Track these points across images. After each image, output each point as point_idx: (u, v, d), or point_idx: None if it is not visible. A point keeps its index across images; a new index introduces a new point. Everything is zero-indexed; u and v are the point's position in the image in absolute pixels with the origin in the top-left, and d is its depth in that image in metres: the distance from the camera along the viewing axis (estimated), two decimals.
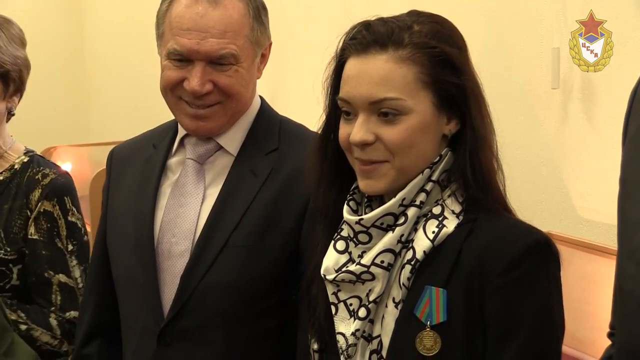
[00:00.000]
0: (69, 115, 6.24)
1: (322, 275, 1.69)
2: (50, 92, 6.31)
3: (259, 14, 2.05)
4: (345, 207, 1.70)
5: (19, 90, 2.47)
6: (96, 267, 2.23)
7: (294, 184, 1.97)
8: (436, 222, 1.64)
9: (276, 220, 1.98)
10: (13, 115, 2.50)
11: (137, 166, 2.15)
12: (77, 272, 2.46)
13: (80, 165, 5.59)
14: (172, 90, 2.02)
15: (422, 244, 1.63)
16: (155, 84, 2.11)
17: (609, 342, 1.50)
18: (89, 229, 4.27)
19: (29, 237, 2.38)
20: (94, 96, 6.50)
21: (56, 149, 5.53)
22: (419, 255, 1.62)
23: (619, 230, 1.39)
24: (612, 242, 2.19)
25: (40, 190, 2.43)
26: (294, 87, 3.44)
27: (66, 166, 5.06)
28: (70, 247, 2.45)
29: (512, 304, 1.57)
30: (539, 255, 1.61)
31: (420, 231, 1.65)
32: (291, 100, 2.95)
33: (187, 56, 1.98)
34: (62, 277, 2.43)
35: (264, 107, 2.15)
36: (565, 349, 2.21)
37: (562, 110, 2.65)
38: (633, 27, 2.20)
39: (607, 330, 1.50)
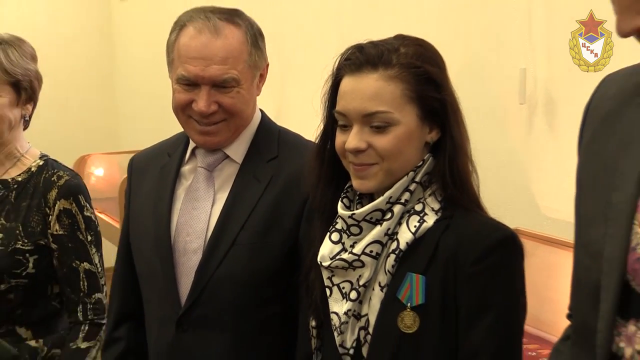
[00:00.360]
0: (102, 127, 6.24)
1: (319, 263, 1.70)
2: (85, 107, 6.33)
3: (256, 40, 2.06)
4: (340, 203, 1.72)
5: (32, 99, 2.46)
6: (122, 262, 2.23)
7: (292, 188, 1.98)
8: (418, 218, 1.66)
9: (277, 221, 1.99)
10: (28, 122, 2.49)
11: (154, 173, 2.16)
12: (96, 259, 2.48)
13: (111, 171, 5.62)
14: (182, 110, 2.03)
15: (405, 236, 1.65)
16: None
17: (567, 323, 1.49)
18: (117, 225, 4.25)
19: (55, 233, 2.40)
20: (123, 111, 6.52)
21: (90, 156, 5.53)
22: (402, 246, 1.64)
23: (575, 225, 1.38)
24: (570, 237, 2.17)
25: (56, 190, 2.42)
26: (296, 102, 3.41)
27: (98, 171, 5.04)
28: (89, 238, 2.46)
29: (482, 290, 1.60)
30: (506, 249, 1.64)
31: (404, 225, 1.66)
32: (293, 113, 2.92)
33: (194, 81, 1.98)
34: (86, 265, 2.44)
35: (264, 120, 2.16)
36: (529, 329, 2.22)
37: (528, 122, 2.67)
38: None
39: (566, 312, 1.48)
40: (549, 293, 2.08)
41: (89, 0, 6.56)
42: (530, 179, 2.59)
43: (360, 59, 1.67)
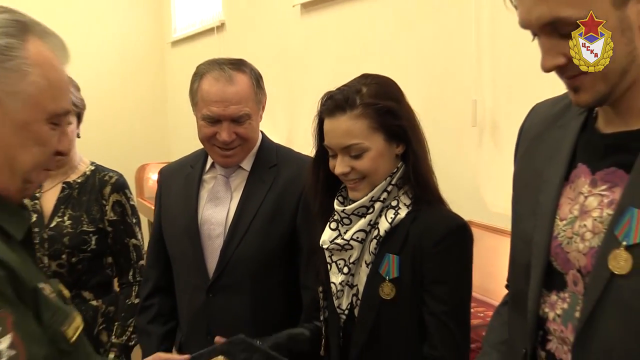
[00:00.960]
0: (157, 142, 6.24)
1: (321, 245, 1.72)
2: (145, 126, 6.33)
3: (258, 82, 2.08)
4: (336, 200, 1.74)
5: (81, 120, 2.54)
6: (154, 248, 2.26)
7: (289, 187, 2.04)
8: (393, 211, 1.67)
9: (279, 212, 2.03)
10: (79, 138, 2.54)
11: (179, 180, 2.21)
12: (139, 236, 2.61)
13: None
14: (208, 140, 2.05)
15: (384, 225, 1.66)
16: None
17: (505, 292, 1.51)
18: None
19: (110, 219, 2.51)
20: (173, 130, 6.50)
21: (148, 165, 5.51)
22: (382, 233, 1.65)
23: (512, 219, 1.39)
24: (508, 227, 2.17)
25: (110, 187, 2.53)
26: (303, 127, 3.40)
27: (154, 176, 5.04)
28: (134, 221, 2.59)
29: (440, 266, 1.63)
30: (459, 235, 1.67)
31: (383, 217, 1.67)
32: (301, 136, 2.90)
33: (216, 119, 2.00)
34: (134, 241, 2.58)
35: (264, 138, 2.18)
36: (478, 296, 2.24)
37: (478, 140, 2.65)
38: None
39: (505, 283, 1.48)
40: (492, 269, 2.07)
41: (149, 46, 6.56)
42: (479, 183, 2.58)
43: (331, 105, 1.68)
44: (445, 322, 1.61)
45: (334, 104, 1.66)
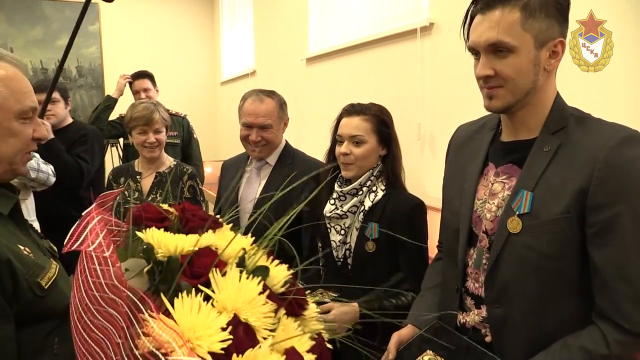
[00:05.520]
0: (210, 146, 6.12)
1: (324, 214, 1.68)
2: (201, 136, 6.24)
3: (281, 106, 2.05)
4: (336, 183, 1.70)
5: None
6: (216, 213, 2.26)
7: (299, 177, 1.97)
8: (374, 194, 1.64)
9: (291, 192, 1.98)
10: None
11: (233, 170, 2.15)
12: (203, 209, 2.57)
13: (215, 170, 5.44)
14: (244, 139, 2.03)
15: (367, 203, 1.64)
16: None
17: (436, 251, 1.50)
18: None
19: (186, 197, 2.40)
20: (221, 137, 6.44)
21: (204, 162, 5.46)
22: (366, 207, 1.63)
23: (442, 201, 1.37)
24: (440, 206, 2.16)
25: (187, 176, 2.39)
26: (306, 143, 3.37)
27: (208, 169, 4.97)
28: (201, 199, 2.45)
29: (405, 231, 1.54)
30: (418, 209, 1.63)
31: (367, 197, 1.64)
32: (304, 148, 2.88)
33: (249, 125, 1.98)
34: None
35: (287, 144, 2.14)
36: None
37: (421, 149, 2.62)
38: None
39: (437, 244, 1.47)
40: (433, 234, 2.07)
41: (206, 85, 6.54)
42: (421, 178, 2.57)
43: (351, 109, 1.68)
44: (414, 266, 1.59)
45: (353, 109, 1.68)
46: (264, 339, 0.66)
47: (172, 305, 0.62)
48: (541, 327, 1.06)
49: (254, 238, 0.87)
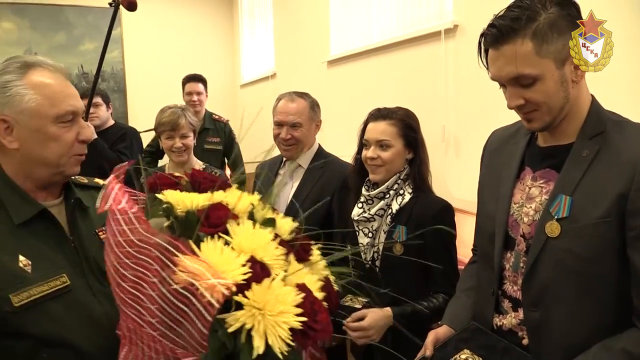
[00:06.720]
0: None
1: (352, 218, 1.68)
2: None
3: (313, 107, 2.06)
4: (363, 187, 1.69)
5: None
6: None
7: (329, 182, 1.97)
8: (401, 197, 1.63)
9: (322, 197, 1.91)
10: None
11: (267, 172, 2.12)
12: None
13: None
14: (275, 138, 2.04)
15: (395, 206, 1.62)
16: None
17: (470, 255, 1.51)
18: None
19: None
20: (243, 134, 6.49)
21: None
22: (394, 211, 1.62)
23: (478, 204, 1.36)
24: (466, 208, 2.16)
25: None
26: (328, 145, 3.41)
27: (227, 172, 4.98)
28: None
29: (435, 234, 1.51)
30: (445, 212, 1.61)
31: (394, 200, 1.63)
32: (327, 143, 2.92)
33: (280, 123, 2.01)
34: None
35: (320, 147, 2.14)
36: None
37: (445, 151, 2.63)
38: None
39: (471, 247, 1.47)
40: (466, 237, 2.04)
41: (227, 87, 6.58)
42: (446, 179, 2.57)
43: (377, 114, 1.68)
44: (443, 267, 1.56)
45: (379, 113, 1.67)
46: (277, 275, 0.76)
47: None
48: (578, 331, 1.07)
49: (261, 196, 0.97)
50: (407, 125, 1.64)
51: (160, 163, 3.77)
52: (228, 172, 3.55)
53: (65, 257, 1.09)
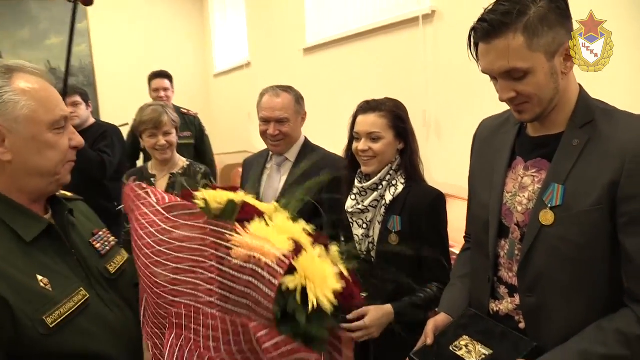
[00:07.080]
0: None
1: (346, 210, 1.69)
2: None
3: (297, 100, 2.04)
4: (356, 179, 1.70)
5: None
6: None
7: (319, 173, 1.93)
8: (394, 187, 1.64)
9: (312, 188, 1.97)
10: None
11: (256, 167, 2.14)
12: None
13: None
14: (263, 134, 2.03)
15: (388, 197, 1.63)
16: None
17: (462, 242, 1.52)
18: None
19: None
20: (214, 132, 6.43)
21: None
22: (387, 201, 1.62)
23: (469, 192, 1.38)
24: (447, 191, 2.18)
25: (200, 174, 2.36)
26: (306, 126, 3.40)
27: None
28: None
29: (427, 222, 1.57)
30: (438, 201, 1.63)
31: (388, 191, 1.64)
32: (306, 132, 2.89)
33: (266, 119, 1.99)
34: None
35: (306, 140, 2.13)
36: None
37: (426, 135, 2.64)
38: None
39: (463, 235, 1.49)
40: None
41: (199, 77, 6.48)
42: (427, 163, 2.58)
43: (366, 106, 1.67)
44: (437, 256, 1.59)
45: (368, 105, 1.66)
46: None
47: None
48: (573, 314, 1.10)
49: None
50: (396, 116, 1.64)
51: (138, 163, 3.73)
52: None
53: (72, 271, 1.06)
